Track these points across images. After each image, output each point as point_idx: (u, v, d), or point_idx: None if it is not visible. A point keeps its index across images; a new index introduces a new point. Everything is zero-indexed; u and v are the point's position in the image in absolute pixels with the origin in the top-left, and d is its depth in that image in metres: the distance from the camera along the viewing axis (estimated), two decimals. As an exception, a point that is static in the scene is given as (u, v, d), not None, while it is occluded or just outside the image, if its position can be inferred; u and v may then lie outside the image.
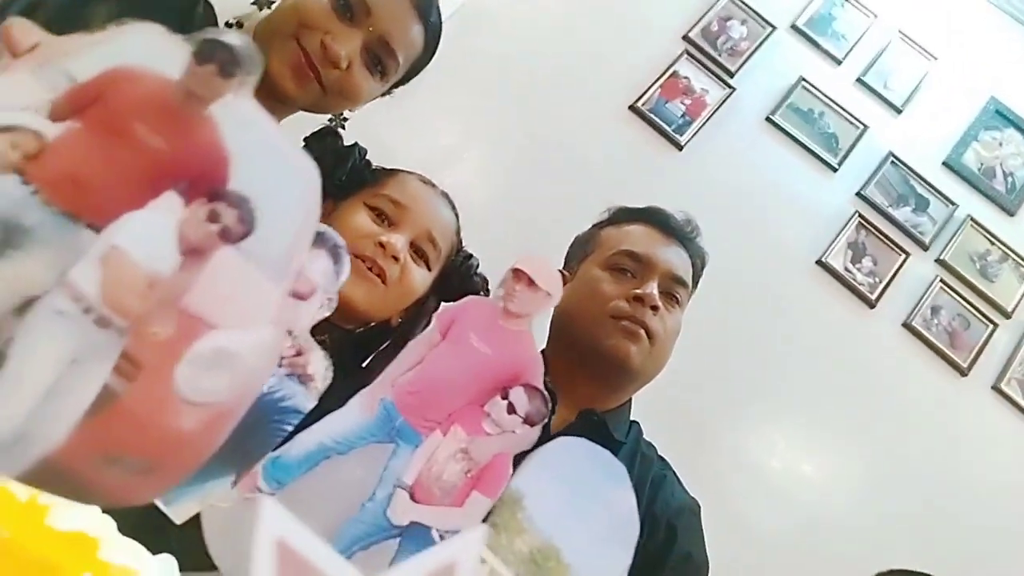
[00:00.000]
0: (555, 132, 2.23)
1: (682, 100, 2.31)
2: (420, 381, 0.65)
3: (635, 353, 1.21)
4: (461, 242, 1.15)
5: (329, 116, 1.19)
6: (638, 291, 1.23)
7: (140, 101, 0.44)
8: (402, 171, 1.12)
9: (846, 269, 2.24)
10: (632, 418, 1.33)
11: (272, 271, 0.47)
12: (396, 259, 1.01)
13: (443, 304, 1.13)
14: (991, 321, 2.26)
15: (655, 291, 1.23)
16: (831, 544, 1.96)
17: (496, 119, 2.24)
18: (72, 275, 0.41)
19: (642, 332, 1.22)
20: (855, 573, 1.92)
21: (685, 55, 2.37)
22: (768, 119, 2.37)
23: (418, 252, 1.05)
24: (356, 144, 1.11)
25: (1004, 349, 2.26)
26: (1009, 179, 2.48)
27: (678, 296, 1.29)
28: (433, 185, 1.12)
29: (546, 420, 0.64)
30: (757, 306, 2.17)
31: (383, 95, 1.20)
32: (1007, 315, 2.29)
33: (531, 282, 0.65)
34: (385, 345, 1.10)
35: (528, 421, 0.63)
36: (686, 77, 2.34)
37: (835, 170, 2.36)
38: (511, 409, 0.63)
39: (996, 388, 2.20)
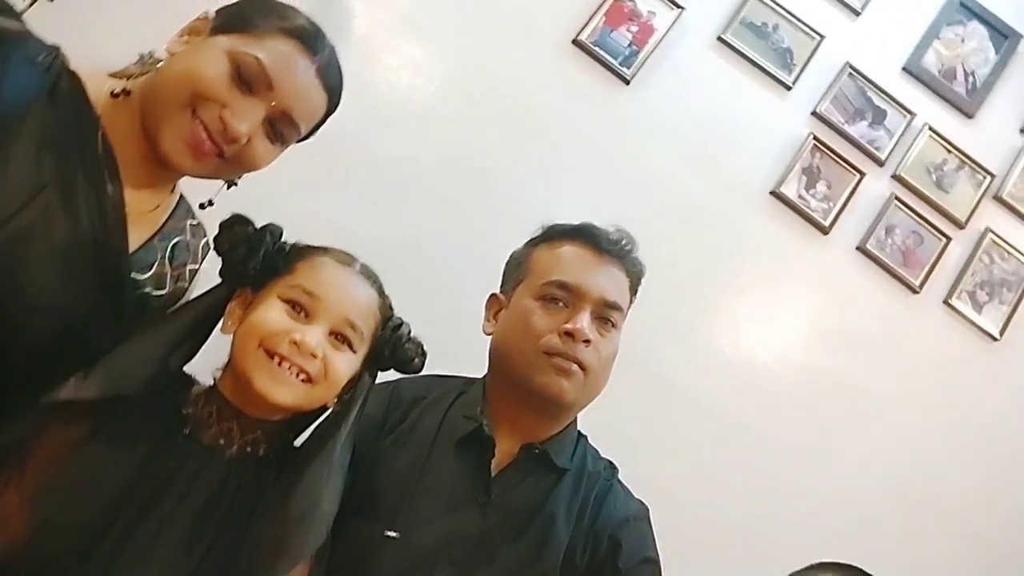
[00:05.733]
0: (495, 74, 2.11)
1: (628, 27, 2.18)
2: None
3: (568, 389, 1.22)
4: (391, 310, 1.13)
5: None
6: (568, 326, 1.22)
7: None
8: (317, 252, 1.08)
9: (799, 196, 2.20)
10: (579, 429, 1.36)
11: None
12: (314, 356, 1.00)
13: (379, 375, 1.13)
14: (944, 235, 2.26)
15: (585, 325, 1.23)
16: (776, 460, 2.06)
17: (432, 62, 2.12)
18: None
19: (574, 367, 1.22)
20: (804, 492, 2.05)
21: (629, -26, 2.20)
22: (720, 39, 2.25)
23: (339, 338, 1.04)
24: (268, 227, 1.07)
25: (956, 262, 2.27)
26: (970, 79, 2.40)
27: (613, 320, 1.28)
28: (350, 263, 1.08)
29: None
30: (709, 240, 2.16)
31: None
32: (961, 226, 2.29)
33: None
34: (320, 421, 1.11)
35: None
36: (631, 0, 2.19)
37: (789, 88, 2.26)
38: None
39: (947, 303, 2.24)
